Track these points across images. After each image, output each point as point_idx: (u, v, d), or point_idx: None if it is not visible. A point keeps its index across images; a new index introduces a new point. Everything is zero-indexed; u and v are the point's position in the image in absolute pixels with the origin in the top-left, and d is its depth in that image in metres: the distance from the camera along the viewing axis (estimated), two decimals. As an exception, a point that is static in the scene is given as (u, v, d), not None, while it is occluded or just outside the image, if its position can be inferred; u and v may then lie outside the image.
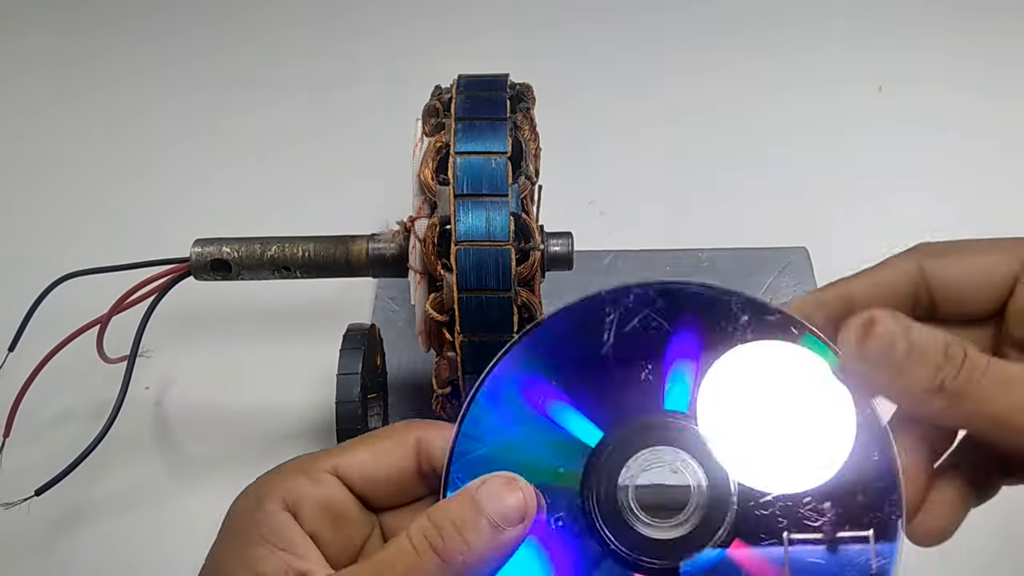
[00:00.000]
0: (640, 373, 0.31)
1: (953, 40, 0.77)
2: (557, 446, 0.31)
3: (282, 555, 0.29)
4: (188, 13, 0.83)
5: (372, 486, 0.32)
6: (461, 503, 0.29)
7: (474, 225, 0.37)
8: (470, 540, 0.28)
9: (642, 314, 0.32)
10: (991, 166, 0.66)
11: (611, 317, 0.32)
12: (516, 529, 0.29)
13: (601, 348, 0.32)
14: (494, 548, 0.28)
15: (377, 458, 0.32)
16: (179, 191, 0.67)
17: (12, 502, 0.41)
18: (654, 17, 0.81)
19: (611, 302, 0.32)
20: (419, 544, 0.28)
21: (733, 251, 0.57)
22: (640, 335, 0.32)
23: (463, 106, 0.39)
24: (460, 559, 0.28)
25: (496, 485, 0.29)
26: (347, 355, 0.41)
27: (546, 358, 0.32)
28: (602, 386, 0.31)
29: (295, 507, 0.31)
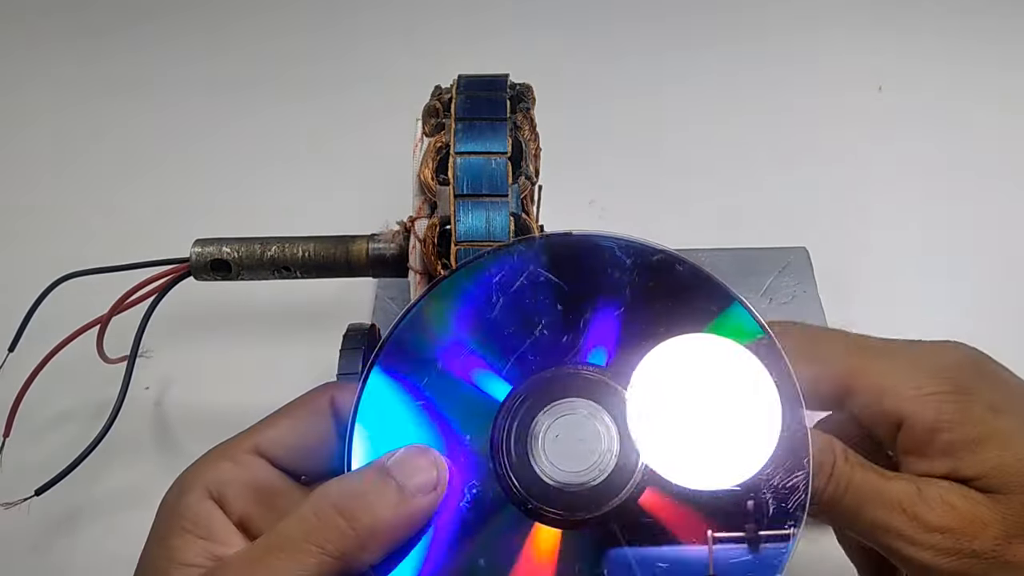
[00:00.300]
0: (537, 328, 0.31)
1: (953, 40, 0.77)
2: (464, 407, 0.31)
3: (202, 543, 0.29)
4: (188, 14, 0.83)
5: (296, 457, 0.32)
6: (368, 471, 0.29)
7: (474, 225, 0.37)
8: (376, 504, 0.28)
9: (527, 271, 0.32)
10: (991, 166, 0.66)
11: (497, 277, 0.32)
12: (427, 497, 0.28)
13: (493, 309, 0.32)
14: (406, 516, 0.28)
15: (296, 428, 0.32)
16: (179, 191, 0.67)
17: (12, 502, 0.41)
18: (654, 17, 0.81)
19: (495, 262, 0.32)
20: (322, 511, 0.28)
21: (733, 251, 0.57)
22: (530, 291, 0.32)
23: (463, 106, 0.39)
24: (366, 523, 0.27)
25: (407, 454, 0.29)
26: (347, 355, 0.41)
27: (445, 322, 0.32)
28: (503, 343, 0.31)
29: (219, 494, 0.30)
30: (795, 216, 0.62)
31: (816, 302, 0.54)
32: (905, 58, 0.75)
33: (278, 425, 0.32)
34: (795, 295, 0.54)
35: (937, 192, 0.64)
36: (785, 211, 0.63)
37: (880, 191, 0.64)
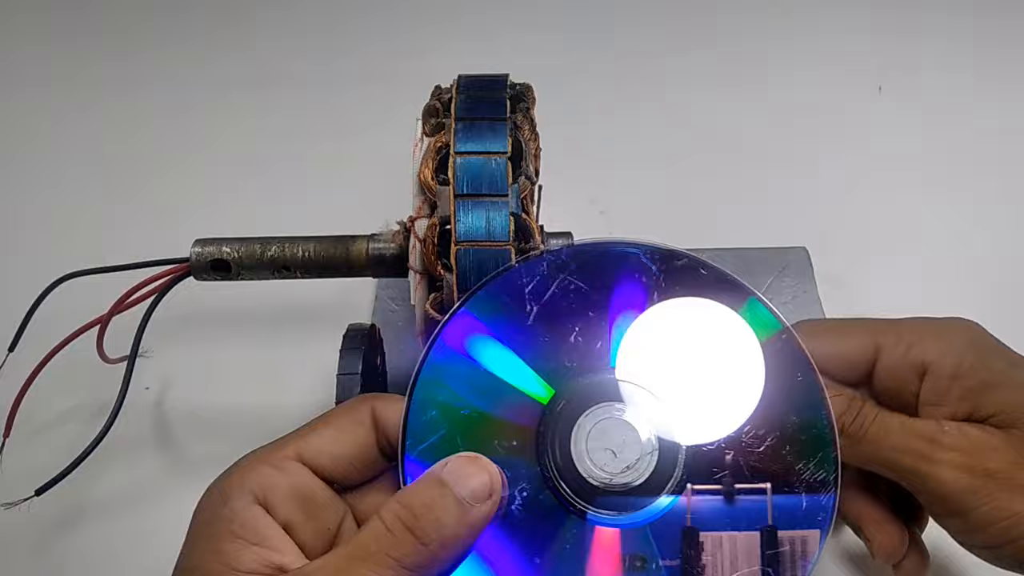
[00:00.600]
0: (571, 336, 0.33)
1: (953, 41, 0.77)
2: (506, 418, 0.32)
3: (256, 549, 0.30)
4: (188, 13, 0.83)
5: (336, 466, 0.32)
6: (429, 484, 0.29)
7: (474, 225, 0.37)
8: (441, 518, 0.29)
9: (558, 279, 0.34)
10: (991, 166, 0.66)
11: (530, 286, 0.33)
12: (485, 505, 0.29)
13: (527, 318, 0.33)
14: (466, 526, 0.29)
15: (337, 437, 0.32)
16: (179, 191, 0.67)
17: (12, 502, 0.41)
18: (654, 18, 0.81)
19: (526, 272, 0.34)
20: (393, 526, 0.28)
21: (733, 251, 0.57)
22: (561, 299, 0.33)
23: (463, 106, 0.39)
24: (434, 537, 0.28)
25: (459, 463, 0.30)
26: (347, 355, 0.41)
27: (478, 334, 0.33)
28: (538, 352, 0.33)
29: (265, 499, 0.31)
30: (795, 216, 0.62)
31: (816, 302, 0.54)
32: (905, 59, 0.75)
33: (320, 433, 0.33)
34: (795, 295, 0.54)
35: (937, 192, 0.64)
36: (785, 211, 0.63)
37: (880, 191, 0.64)
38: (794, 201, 0.64)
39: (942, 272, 0.58)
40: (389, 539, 0.28)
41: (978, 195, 0.64)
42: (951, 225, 0.62)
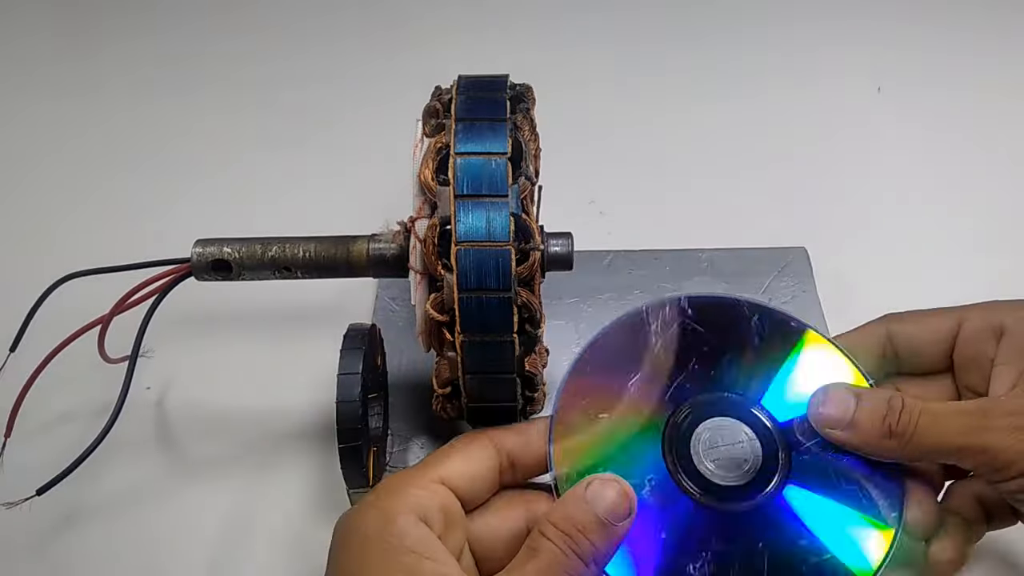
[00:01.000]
0: (691, 364, 0.42)
1: (952, 41, 0.77)
2: (637, 427, 0.40)
3: (430, 563, 0.33)
4: (189, 13, 0.83)
5: (470, 487, 0.37)
6: (577, 505, 0.34)
7: (474, 225, 0.37)
8: (593, 540, 0.34)
9: (679, 321, 0.43)
10: (991, 165, 0.66)
11: (655, 325, 0.43)
12: (625, 523, 0.34)
13: (651, 349, 0.42)
14: (610, 543, 0.34)
15: (471, 464, 0.37)
16: (180, 192, 0.67)
17: (14, 502, 0.41)
18: (654, 17, 0.81)
19: (652, 313, 0.43)
20: (563, 548, 0.33)
21: (733, 251, 0.57)
22: (681, 336, 0.42)
23: (463, 107, 0.40)
24: (590, 556, 0.34)
25: (599, 486, 0.35)
26: (348, 355, 0.42)
27: (606, 362, 0.42)
28: (662, 376, 0.41)
29: (425, 518, 0.34)
30: (795, 216, 0.62)
31: (816, 302, 0.54)
32: (904, 59, 0.75)
33: (455, 460, 0.37)
34: (795, 295, 0.54)
35: (937, 192, 0.64)
36: (785, 211, 0.63)
37: (880, 191, 0.64)
38: (794, 201, 0.64)
39: (942, 272, 0.58)
40: (563, 560, 0.33)
41: (978, 195, 0.64)
42: (951, 225, 0.62)
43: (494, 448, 0.38)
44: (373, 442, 0.45)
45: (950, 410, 0.36)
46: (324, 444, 0.50)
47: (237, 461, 0.50)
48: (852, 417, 0.36)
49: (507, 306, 0.38)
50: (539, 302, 0.40)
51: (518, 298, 0.38)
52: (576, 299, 0.54)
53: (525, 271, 0.38)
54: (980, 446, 0.34)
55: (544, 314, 0.40)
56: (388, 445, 0.47)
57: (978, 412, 0.35)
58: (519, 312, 0.38)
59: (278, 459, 0.50)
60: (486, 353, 0.39)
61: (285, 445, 0.50)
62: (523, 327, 0.39)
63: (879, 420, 0.36)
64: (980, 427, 0.34)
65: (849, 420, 0.36)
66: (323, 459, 0.49)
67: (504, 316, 0.38)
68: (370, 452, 0.44)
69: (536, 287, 0.40)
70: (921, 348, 0.40)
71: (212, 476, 0.49)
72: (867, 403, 0.36)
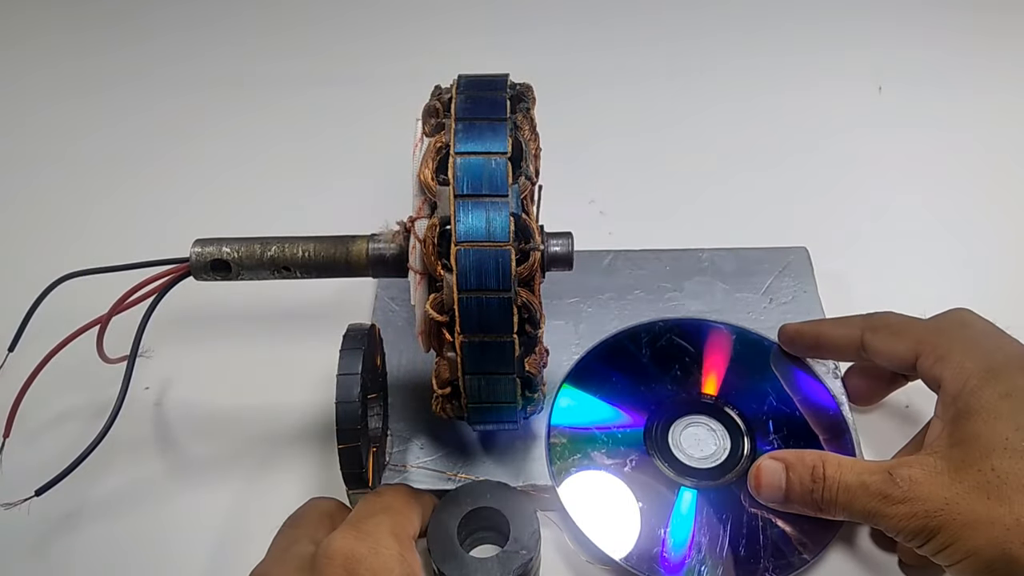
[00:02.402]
0: (673, 370, 0.51)
1: (953, 40, 0.77)
2: (625, 419, 0.48)
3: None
4: (188, 12, 0.83)
5: None
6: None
7: (474, 225, 0.37)
8: None
9: (665, 337, 0.52)
10: (991, 165, 0.66)
11: (646, 339, 0.52)
12: None
13: (642, 358, 0.51)
14: None
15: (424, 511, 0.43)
16: (179, 191, 0.67)
17: (12, 502, 0.41)
18: (654, 17, 0.81)
19: (645, 330, 0.53)
20: None
21: (733, 251, 0.57)
22: (667, 349, 0.52)
23: (463, 106, 0.39)
24: None
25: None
26: (347, 355, 0.41)
27: (599, 370, 0.51)
28: (650, 380, 0.50)
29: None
30: (795, 216, 0.62)
31: (816, 302, 0.54)
32: (905, 59, 0.75)
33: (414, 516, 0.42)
34: (795, 295, 0.54)
35: (937, 192, 0.64)
36: (785, 211, 0.63)
37: (880, 191, 0.64)
38: (794, 201, 0.64)
39: (942, 272, 0.58)
40: None
41: (978, 194, 0.64)
42: (951, 225, 0.62)
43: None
44: (373, 442, 0.45)
45: (862, 491, 0.40)
46: (324, 444, 0.50)
47: (236, 461, 0.50)
48: (784, 494, 0.43)
49: (507, 306, 0.38)
50: (539, 302, 0.40)
51: (518, 298, 0.38)
52: (576, 299, 0.54)
53: (525, 271, 0.38)
54: (884, 526, 0.40)
55: (544, 314, 0.40)
56: (388, 445, 0.47)
57: (880, 495, 0.39)
58: (519, 312, 0.38)
59: (277, 459, 0.50)
60: (486, 353, 0.39)
61: (285, 445, 0.50)
62: (523, 327, 0.39)
63: (808, 495, 0.42)
64: (882, 513, 0.39)
65: (783, 498, 0.43)
66: (323, 459, 0.49)
67: (504, 316, 0.38)
68: (370, 452, 0.44)
69: (536, 287, 0.40)
70: (887, 362, 0.46)
71: (211, 476, 0.49)
72: (795, 477, 0.42)
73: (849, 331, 0.47)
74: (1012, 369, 0.40)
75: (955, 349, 0.42)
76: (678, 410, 0.48)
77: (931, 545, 0.38)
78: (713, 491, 0.45)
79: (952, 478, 0.38)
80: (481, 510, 0.43)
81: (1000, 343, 0.42)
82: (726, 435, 0.47)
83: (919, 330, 0.44)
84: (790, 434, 0.47)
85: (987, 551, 0.37)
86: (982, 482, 0.37)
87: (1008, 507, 0.37)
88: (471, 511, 0.43)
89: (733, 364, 0.51)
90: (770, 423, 0.48)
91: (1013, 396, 0.39)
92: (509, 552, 0.42)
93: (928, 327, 0.44)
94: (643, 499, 0.45)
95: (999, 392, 0.39)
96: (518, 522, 0.43)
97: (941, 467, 0.39)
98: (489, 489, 0.44)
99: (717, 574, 0.42)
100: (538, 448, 0.47)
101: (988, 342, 0.42)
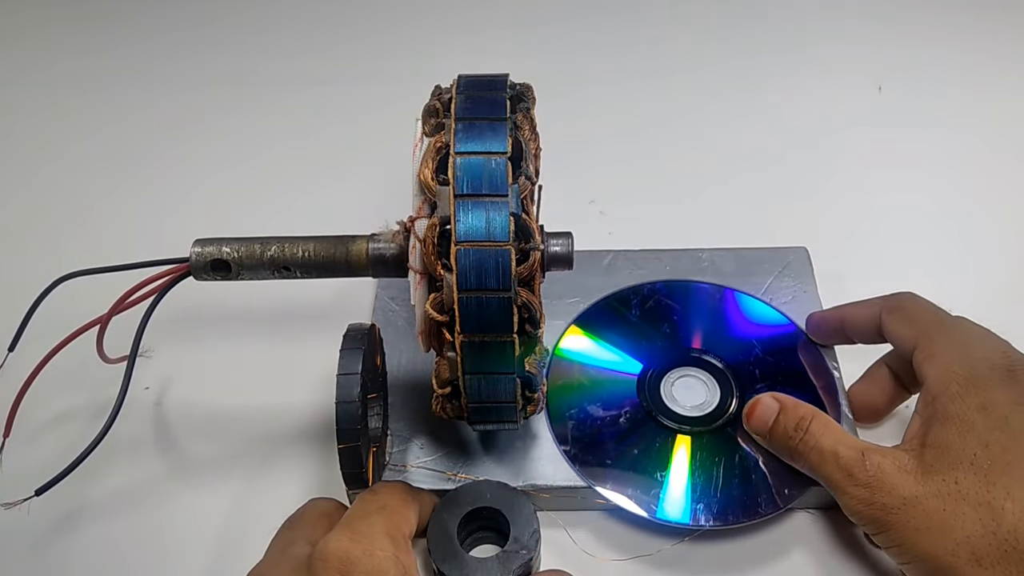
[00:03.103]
0: (663, 328, 0.53)
1: (952, 40, 0.77)
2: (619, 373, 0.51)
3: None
4: (188, 12, 0.83)
5: None
6: None
7: (474, 225, 0.37)
8: None
9: (653, 297, 0.54)
10: (991, 166, 0.66)
11: (635, 300, 0.54)
12: None
13: (632, 316, 0.54)
14: None
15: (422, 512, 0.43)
16: (179, 191, 0.67)
17: (12, 502, 0.41)
18: (654, 17, 0.81)
19: (632, 292, 0.55)
20: None
21: (733, 251, 0.57)
22: (656, 308, 0.54)
23: (463, 106, 0.39)
24: None
25: None
26: (347, 355, 0.41)
27: (597, 325, 0.53)
28: (641, 334, 0.53)
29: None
30: (795, 216, 0.62)
31: (816, 302, 0.54)
32: (904, 59, 0.75)
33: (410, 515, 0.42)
34: (795, 295, 0.54)
35: (937, 192, 0.64)
36: (785, 211, 0.63)
37: (880, 191, 0.64)
38: (794, 201, 0.64)
39: (942, 272, 0.58)
40: None
41: (978, 194, 0.64)
42: (951, 224, 0.62)
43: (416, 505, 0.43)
44: (373, 442, 0.45)
45: (833, 456, 0.41)
46: (324, 444, 0.50)
47: (237, 461, 0.50)
48: (768, 430, 0.44)
49: (507, 306, 0.38)
50: (539, 302, 0.40)
51: (518, 298, 0.38)
52: (576, 299, 0.54)
53: (525, 271, 0.38)
54: (839, 499, 0.41)
55: (544, 314, 0.40)
56: (388, 445, 0.47)
57: (846, 471, 0.40)
58: (519, 312, 0.38)
59: (278, 459, 0.50)
60: (486, 353, 0.39)
61: (285, 445, 0.50)
62: (523, 327, 0.39)
63: (787, 440, 0.43)
64: (841, 487, 0.40)
65: (767, 433, 0.45)
66: (323, 459, 0.49)
67: (504, 316, 0.38)
68: (370, 452, 0.44)
69: (536, 287, 0.40)
70: (896, 344, 0.46)
71: (211, 476, 0.49)
72: (783, 420, 0.44)
73: (870, 310, 0.47)
74: (994, 381, 0.40)
75: (946, 349, 0.42)
76: (669, 363, 0.50)
77: (881, 538, 0.39)
78: (707, 435, 0.47)
79: (916, 480, 0.38)
80: (481, 510, 0.43)
81: (989, 352, 0.42)
82: (715, 385, 0.49)
83: (924, 321, 0.44)
84: (775, 384, 0.49)
85: (932, 561, 0.37)
86: (943, 492, 0.38)
87: (961, 523, 0.37)
88: (471, 511, 0.43)
89: (720, 319, 0.53)
90: (756, 372, 0.50)
91: (988, 411, 0.39)
92: (509, 552, 0.42)
93: (932, 320, 0.44)
94: (639, 447, 0.47)
95: (976, 403, 0.39)
96: (518, 522, 0.43)
97: (910, 466, 0.39)
98: (489, 489, 0.44)
99: (713, 512, 0.44)
100: (538, 448, 0.47)
101: (979, 348, 0.42)
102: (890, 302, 0.47)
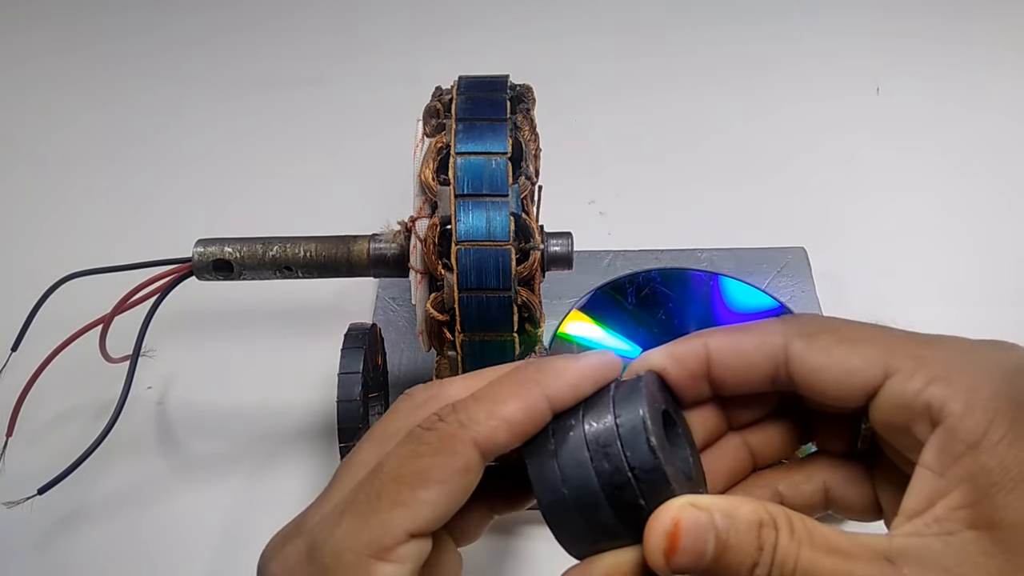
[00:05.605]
0: (658, 315, 0.54)
1: (950, 42, 0.77)
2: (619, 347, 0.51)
3: None
4: (191, 13, 0.84)
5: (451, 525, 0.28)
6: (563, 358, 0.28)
7: (474, 225, 0.37)
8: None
9: (648, 285, 0.56)
10: (990, 165, 0.66)
11: (631, 288, 0.55)
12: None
13: (629, 304, 0.55)
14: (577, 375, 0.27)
15: (443, 496, 0.26)
16: (181, 191, 0.67)
17: (15, 501, 0.41)
18: (654, 19, 0.82)
19: (628, 280, 0.56)
20: None
21: (732, 251, 0.57)
22: (652, 296, 0.55)
23: (463, 107, 0.40)
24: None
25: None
26: (348, 354, 0.42)
27: (597, 312, 0.54)
28: (638, 321, 0.54)
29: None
30: (794, 216, 0.62)
31: (814, 302, 0.54)
32: (902, 60, 0.75)
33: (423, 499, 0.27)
34: (793, 295, 0.54)
35: (935, 192, 0.64)
36: (784, 211, 0.63)
37: (878, 192, 0.64)
38: (792, 201, 0.64)
39: (941, 272, 0.59)
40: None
41: (977, 194, 0.64)
42: (950, 225, 0.62)
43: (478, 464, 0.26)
44: (374, 441, 0.45)
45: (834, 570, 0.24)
46: (324, 444, 0.50)
47: (237, 461, 0.50)
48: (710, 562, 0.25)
49: (507, 305, 0.38)
50: (539, 302, 0.40)
51: (518, 297, 0.38)
52: (576, 299, 0.54)
53: (525, 271, 0.38)
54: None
55: (544, 314, 0.40)
56: (389, 444, 0.47)
57: None
58: (519, 311, 0.39)
59: (278, 459, 0.50)
60: (486, 352, 0.39)
61: (285, 445, 0.50)
62: (523, 326, 0.39)
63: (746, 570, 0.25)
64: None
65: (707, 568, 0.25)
66: (323, 459, 0.49)
67: (504, 315, 0.38)
68: (371, 451, 0.44)
69: (536, 287, 0.40)
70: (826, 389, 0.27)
71: (212, 476, 0.49)
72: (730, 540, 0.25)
73: (762, 339, 0.28)
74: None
75: (963, 369, 0.25)
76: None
77: None
78: None
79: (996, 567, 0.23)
80: None
81: (997, 355, 0.27)
82: None
83: (889, 337, 0.27)
84: None
85: None
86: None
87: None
88: None
89: (713, 305, 0.54)
90: None
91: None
92: None
93: (904, 334, 0.28)
94: None
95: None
96: None
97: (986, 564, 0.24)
98: None
99: None
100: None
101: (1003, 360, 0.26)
102: (804, 326, 0.29)
